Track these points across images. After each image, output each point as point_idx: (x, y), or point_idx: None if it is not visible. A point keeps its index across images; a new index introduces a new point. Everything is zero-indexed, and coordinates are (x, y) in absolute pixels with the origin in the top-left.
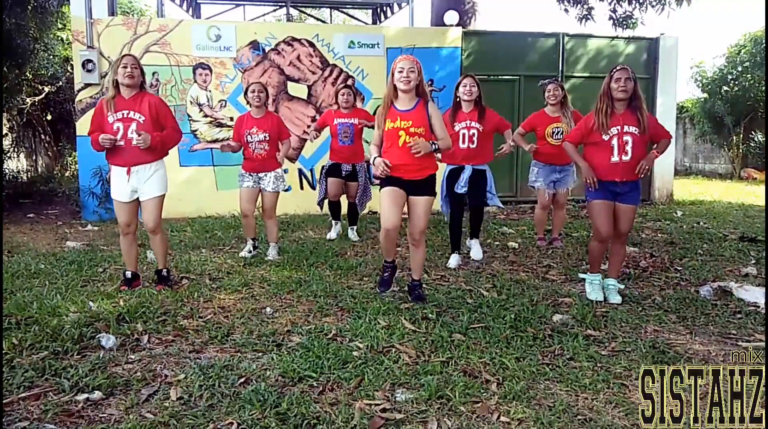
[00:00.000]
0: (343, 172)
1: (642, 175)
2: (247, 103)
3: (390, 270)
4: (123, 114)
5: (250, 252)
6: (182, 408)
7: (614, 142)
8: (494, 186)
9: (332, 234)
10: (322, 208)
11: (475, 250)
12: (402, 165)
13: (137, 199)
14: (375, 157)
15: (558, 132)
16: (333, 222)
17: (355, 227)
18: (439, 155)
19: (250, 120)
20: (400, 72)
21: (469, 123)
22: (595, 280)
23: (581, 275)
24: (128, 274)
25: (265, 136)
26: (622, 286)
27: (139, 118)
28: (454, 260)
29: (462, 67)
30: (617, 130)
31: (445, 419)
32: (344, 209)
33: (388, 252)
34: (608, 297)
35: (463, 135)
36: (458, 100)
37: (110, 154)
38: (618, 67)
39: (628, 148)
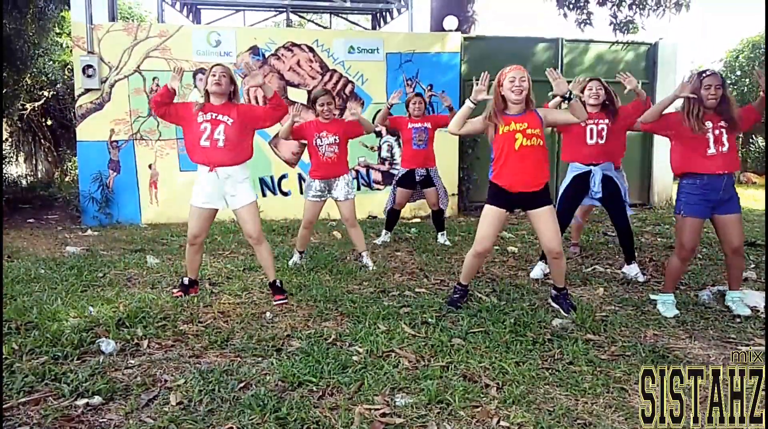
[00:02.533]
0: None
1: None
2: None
3: (461, 293)
4: (212, 116)
5: (296, 263)
6: (182, 413)
7: (709, 134)
8: (627, 194)
9: (380, 240)
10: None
11: (633, 270)
12: (515, 175)
13: (215, 209)
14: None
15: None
16: (384, 231)
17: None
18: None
19: (319, 125)
20: (512, 82)
21: (598, 120)
22: (669, 301)
23: (653, 296)
24: (186, 280)
25: (335, 139)
26: (743, 296)
27: (228, 120)
28: (538, 270)
29: (461, 72)
30: (710, 124)
31: (445, 424)
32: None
33: (468, 275)
34: (736, 310)
35: (592, 130)
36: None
37: (192, 153)
38: (708, 72)
39: (724, 139)
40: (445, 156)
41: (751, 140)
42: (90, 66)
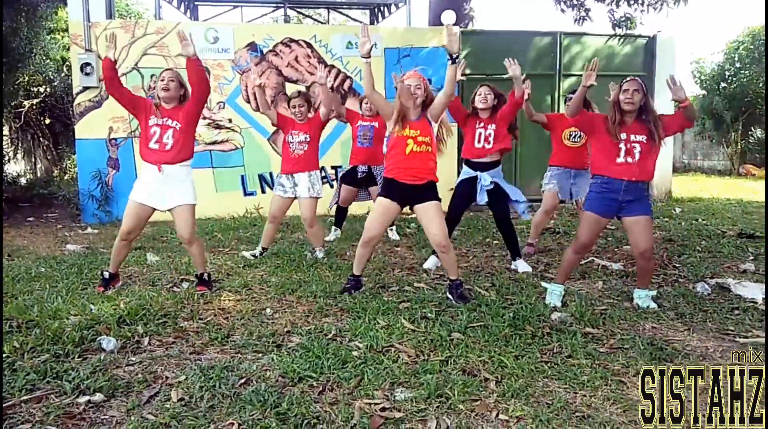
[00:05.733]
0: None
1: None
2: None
3: (354, 283)
4: (163, 121)
5: (255, 256)
6: (183, 409)
7: (621, 145)
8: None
9: (331, 236)
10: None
11: (522, 266)
12: (404, 172)
13: (153, 209)
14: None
15: (576, 135)
16: (333, 227)
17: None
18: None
19: (295, 123)
20: (408, 89)
21: (486, 124)
22: (556, 291)
23: (544, 284)
24: (106, 274)
25: (306, 138)
26: (654, 292)
27: (176, 125)
28: (431, 262)
29: None
30: (625, 136)
31: (445, 417)
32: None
33: (359, 264)
34: (642, 306)
35: (480, 134)
36: (474, 108)
37: (142, 152)
38: (628, 78)
39: (636, 152)
40: (445, 152)
41: (750, 132)
42: (88, 64)
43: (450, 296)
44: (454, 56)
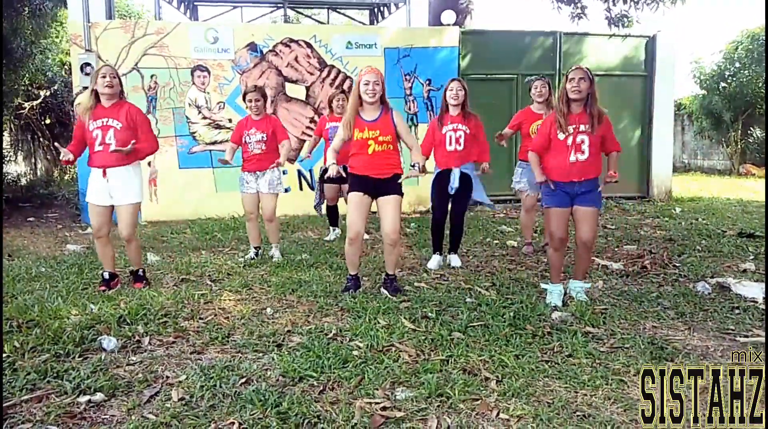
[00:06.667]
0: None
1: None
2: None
3: (353, 282)
4: (103, 122)
5: (252, 258)
6: (184, 408)
7: (569, 141)
8: (483, 187)
9: (331, 236)
10: (320, 212)
11: (455, 261)
12: (367, 168)
13: (112, 205)
14: (331, 164)
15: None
16: (331, 228)
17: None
18: (417, 169)
19: (250, 122)
20: (366, 85)
21: (457, 125)
22: (555, 291)
23: (543, 285)
24: (106, 274)
25: (263, 137)
26: (588, 286)
27: (117, 125)
28: (434, 262)
29: (459, 67)
30: (573, 128)
31: (445, 417)
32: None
33: (353, 263)
34: (576, 297)
35: (450, 137)
36: (446, 103)
37: (89, 158)
38: (573, 67)
39: (584, 147)
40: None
41: (749, 132)
42: (88, 64)
43: (385, 290)
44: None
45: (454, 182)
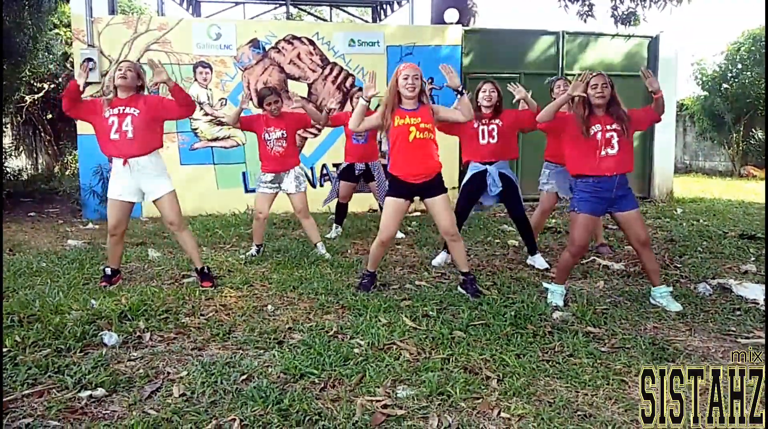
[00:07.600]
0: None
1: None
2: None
3: (369, 279)
4: (119, 110)
5: (253, 255)
6: (185, 404)
7: (599, 136)
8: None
9: (332, 233)
10: (325, 204)
11: (540, 262)
12: (410, 166)
13: (132, 203)
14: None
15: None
16: (334, 225)
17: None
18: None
19: (269, 120)
20: (406, 79)
21: (489, 119)
22: (557, 291)
23: (545, 284)
24: (108, 270)
25: (282, 134)
26: (671, 289)
27: (134, 112)
28: (440, 258)
29: (462, 66)
30: (600, 126)
31: (446, 415)
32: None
33: (374, 262)
34: (668, 307)
35: (483, 131)
36: (477, 104)
37: (104, 147)
38: (594, 74)
39: (614, 142)
40: (446, 150)
41: (751, 133)
42: (90, 59)
43: (464, 291)
44: (460, 89)
45: (494, 185)
